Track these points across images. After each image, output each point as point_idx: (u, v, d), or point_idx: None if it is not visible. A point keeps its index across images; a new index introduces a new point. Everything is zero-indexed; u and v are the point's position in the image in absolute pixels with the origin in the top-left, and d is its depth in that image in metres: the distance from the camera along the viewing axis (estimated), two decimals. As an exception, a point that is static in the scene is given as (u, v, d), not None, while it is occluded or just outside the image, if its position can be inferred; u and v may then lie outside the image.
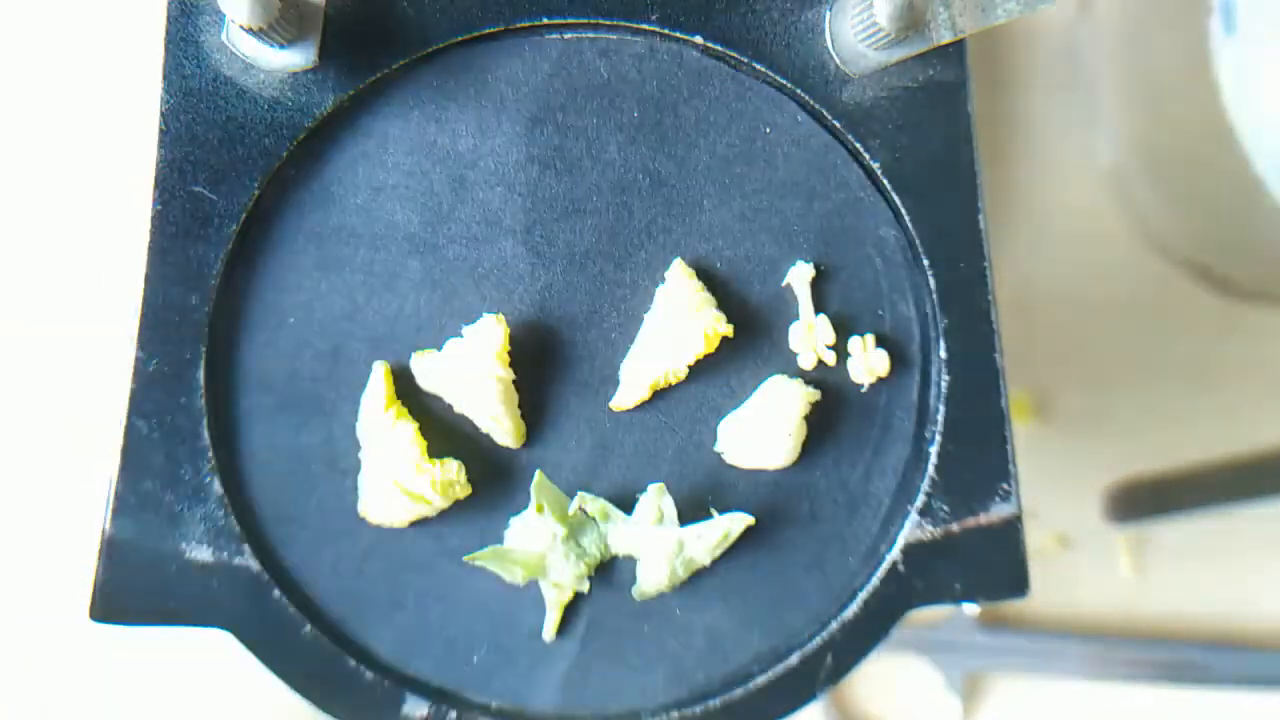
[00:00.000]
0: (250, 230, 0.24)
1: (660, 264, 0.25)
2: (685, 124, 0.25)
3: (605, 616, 0.25)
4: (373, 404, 0.24)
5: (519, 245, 0.25)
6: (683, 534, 0.24)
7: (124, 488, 0.24)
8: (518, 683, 0.25)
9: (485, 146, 0.25)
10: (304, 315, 0.25)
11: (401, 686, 0.25)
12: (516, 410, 0.25)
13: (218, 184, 0.24)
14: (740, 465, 0.25)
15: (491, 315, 0.24)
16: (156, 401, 0.24)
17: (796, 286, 0.25)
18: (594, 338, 0.25)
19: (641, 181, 0.25)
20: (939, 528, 0.26)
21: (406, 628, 0.25)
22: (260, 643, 0.24)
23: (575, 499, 0.24)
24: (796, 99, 0.25)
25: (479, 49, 0.25)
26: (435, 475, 0.24)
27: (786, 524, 0.26)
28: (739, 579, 0.25)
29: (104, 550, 0.24)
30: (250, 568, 0.24)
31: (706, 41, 0.25)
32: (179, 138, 0.24)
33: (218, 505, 0.24)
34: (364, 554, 0.25)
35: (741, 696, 0.25)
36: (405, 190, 0.25)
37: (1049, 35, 0.42)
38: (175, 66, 0.24)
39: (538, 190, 0.25)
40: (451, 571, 0.25)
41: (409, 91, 0.25)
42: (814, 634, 0.26)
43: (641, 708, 0.25)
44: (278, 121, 0.24)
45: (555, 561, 0.24)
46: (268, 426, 0.24)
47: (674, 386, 0.25)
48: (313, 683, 0.24)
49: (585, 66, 0.25)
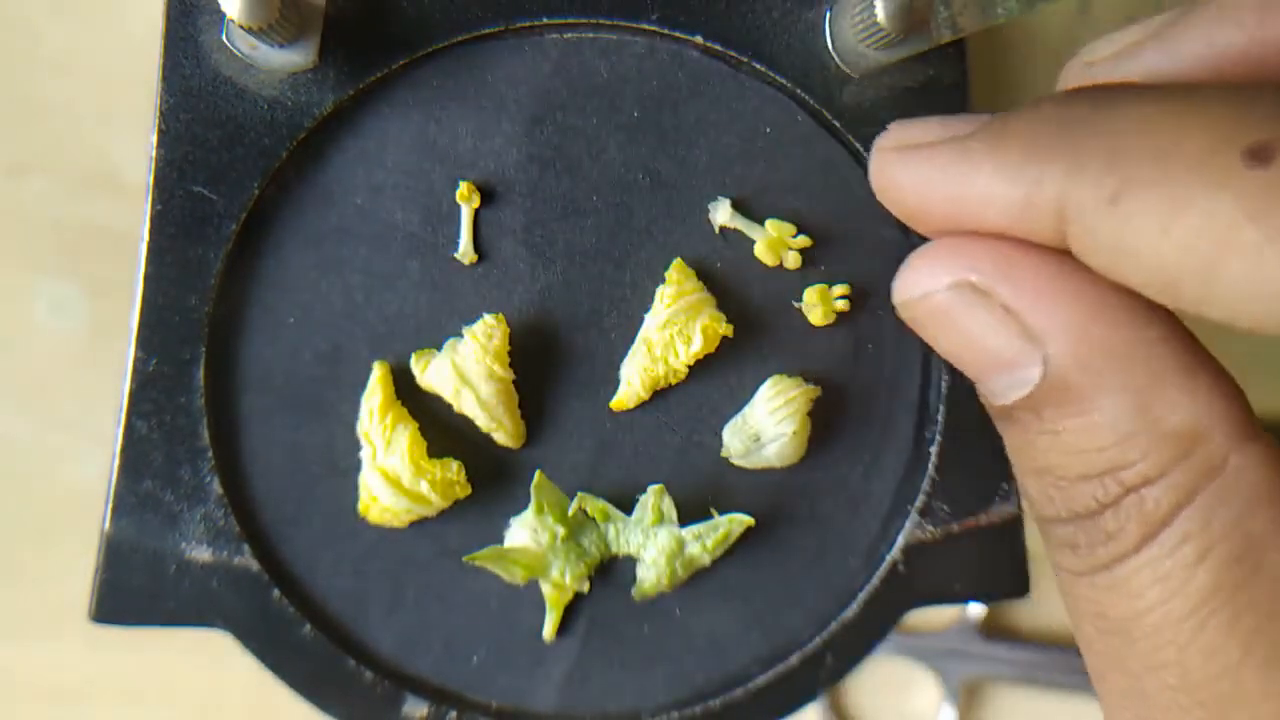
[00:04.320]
0: (250, 230, 0.24)
1: (660, 264, 0.25)
2: (685, 124, 0.25)
3: (605, 616, 0.25)
4: (373, 404, 0.24)
5: (519, 245, 0.25)
6: (683, 534, 0.24)
7: (124, 488, 0.24)
8: (518, 683, 0.25)
9: (485, 146, 0.25)
10: (304, 315, 0.25)
11: (401, 686, 0.25)
12: (516, 410, 0.25)
13: (218, 184, 0.24)
14: (744, 465, 0.25)
15: (491, 315, 0.24)
16: (156, 401, 0.24)
17: (726, 221, 0.25)
18: (594, 338, 0.25)
19: (641, 181, 0.25)
20: (939, 528, 0.26)
21: (406, 628, 0.25)
22: (260, 643, 0.24)
23: (575, 499, 0.24)
24: (796, 99, 0.25)
25: (479, 49, 0.25)
26: (435, 475, 0.24)
27: (786, 524, 0.26)
28: (739, 579, 0.25)
29: (104, 550, 0.24)
30: (250, 568, 0.24)
31: (706, 41, 0.25)
32: (178, 137, 0.24)
33: (218, 505, 0.24)
34: (364, 554, 0.25)
35: (741, 696, 0.25)
36: (405, 190, 0.25)
37: (1049, 35, 0.42)
38: (174, 66, 0.24)
39: (538, 190, 0.25)
40: (451, 571, 0.25)
41: (409, 91, 0.25)
42: (814, 634, 0.26)
43: (641, 708, 0.25)
44: (278, 121, 0.24)
45: (555, 561, 0.24)
46: (268, 426, 0.24)
47: (674, 386, 0.25)
48: (313, 683, 0.24)
49: (585, 66, 0.25)
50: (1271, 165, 0.13)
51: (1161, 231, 0.14)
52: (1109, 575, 0.16)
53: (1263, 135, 0.13)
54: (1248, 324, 0.14)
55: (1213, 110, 0.14)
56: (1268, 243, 0.13)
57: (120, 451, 0.24)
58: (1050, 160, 0.15)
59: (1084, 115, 0.15)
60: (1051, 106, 0.16)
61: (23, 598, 0.33)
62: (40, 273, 0.35)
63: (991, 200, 0.16)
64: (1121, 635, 0.16)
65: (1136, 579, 0.16)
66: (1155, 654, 0.16)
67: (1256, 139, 0.13)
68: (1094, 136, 0.15)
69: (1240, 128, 0.13)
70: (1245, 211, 0.13)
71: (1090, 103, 0.16)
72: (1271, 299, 0.13)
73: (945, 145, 0.17)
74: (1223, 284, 0.13)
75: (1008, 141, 0.16)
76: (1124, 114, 0.15)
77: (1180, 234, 0.13)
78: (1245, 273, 0.13)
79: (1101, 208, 0.14)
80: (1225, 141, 0.13)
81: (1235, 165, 0.13)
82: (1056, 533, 0.17)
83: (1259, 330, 0.14)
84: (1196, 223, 0.13)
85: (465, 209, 0.25)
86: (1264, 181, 0.13)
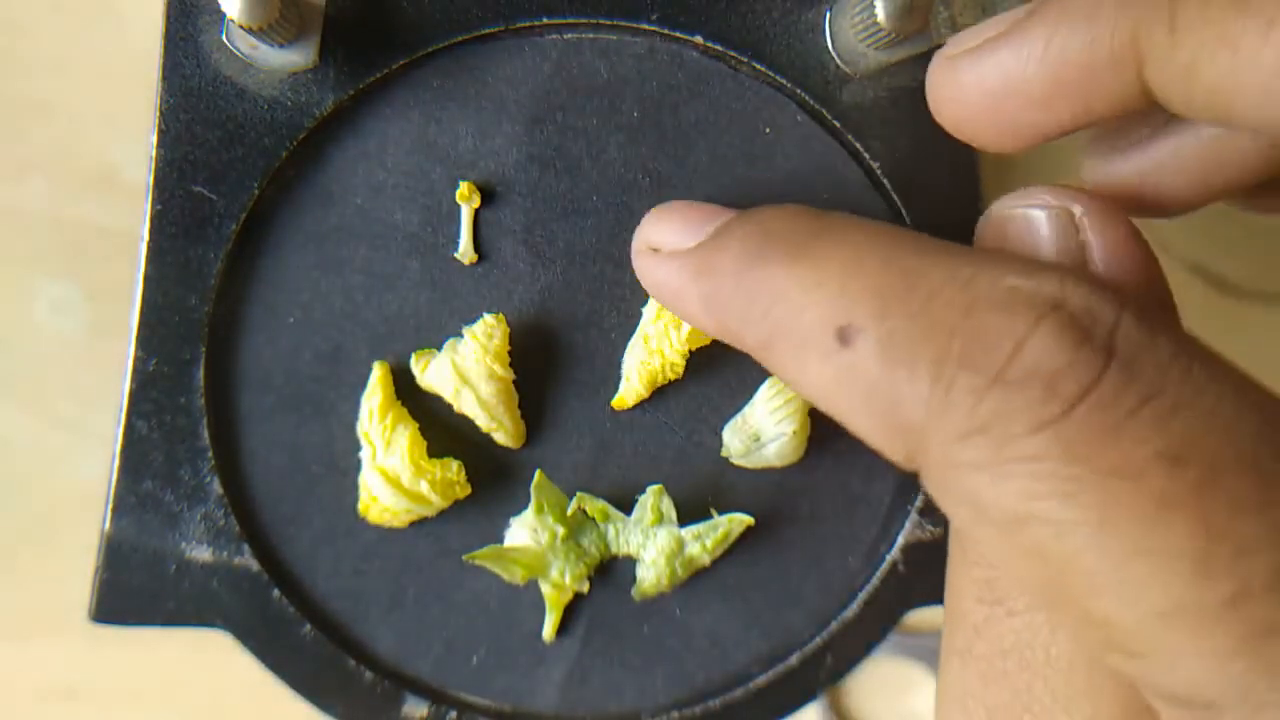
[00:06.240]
0: (250, 230, 0.24)
1: (660, 264, 0.25)
2: (685, 124, 0.25)
3: (605, 616, 0.25)
4: (373, 404, 0.24)
5: (519, 245, 0.25)
6: (682, 534, 0.24)
7: (124, 488, 0.24)
8: (518, 683, 0.25)
9: (485, 146, 0.25)
10: (304, 315, 0.25)
11: (401, 686, 0.25)
12: (516, 410, 0.25)
13: (218, 184, 0.24)
14: (744, 465, 0.25)
15: (491, 315, 0.24)
16: (156, 401, 0.24)
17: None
18: (594, 338, 0.25)
19: (641, 181, 0.25)
20: (939, 528, 0.26)
21: (406, 627, 0.25)
22: (260, 643, 0.24)
23: (575, 499, 0.24)
24: (796, 99, 0.25)
25: (479, 49, 0.25)
26: (435, 475, 0.24)
27: (786, 524, 0.26)
28: (739, 579, 0.25)
29: (104, 550, 0.24)
30: (250, 567, 0.24)
31: (706, 41, 0.25)
32: (178, 137, 0.24)
33: (217, 505, 0.24)
34: (364, 554, 0.25)
35: (741, 696, 0.25)
36: (405, 190, 0.25)
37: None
38: (174, 66, 0.24)
39: (538, 190, 0.25)
40: (451, 571, 0.25)
41: (409, 91, 0.25)
42: (814, 634, 0.26)
43: (641, 708, 0.25)
44: (278, 121, 0.24)
45: (555, 561, 0.24)
46: (268, 426, 0.24)
47: (674, 386, 0.25)
48: (313, 683, 0.24)
49: (585, 66, 0.25)
50: (852, 346, 0.16)
51: (795, 382, 0.17)
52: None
53: (846, 319, 0.16)
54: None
55: (826, 283, 0.16)
56: (855, 408, 0.16)
57: (120, 451, 0.24)
58: (729, 303, 0.18)
59: (751, 261, 0.18)
60: (738, 241, 0.18)
61: (23, 598, 0.33)
62: (40, 273, 0.35)
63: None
64: (1002, 606, 0.17)
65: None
66: (1029, 631, 0.17)
67: (842, 323, 0.16)
68: (752, 291, 0.18)
69: (836, 307, 0.16)
70: (838, 383, 0.16)
71: (762, 239, 0.18)
72: (871, 439, 0.16)
73: (674, 260, 0.20)
74: (843, 423, 0.16)
75: (704, 275, 0.19)
76: (770, 273, 0.17)
77: (806, 386, 0.17)
78: (851, 423, 0.16)
79: (761, 352, 0.17)
80: (826, 321, 0.16)
81: (831, 344, 0.16)
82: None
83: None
84: (812, 384, 0.17)
85: (465, 209, 0.25)
86: (849, 360, 0.16)
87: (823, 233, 0.17)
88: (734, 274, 0.18)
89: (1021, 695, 0.17)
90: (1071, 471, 0.14)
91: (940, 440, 0.15)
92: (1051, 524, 0.14)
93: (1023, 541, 0.14)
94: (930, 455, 0.15)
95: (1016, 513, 0.14)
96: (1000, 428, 0.14)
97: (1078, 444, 0.14)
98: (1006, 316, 0.15)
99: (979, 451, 0.14)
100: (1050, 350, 0.14)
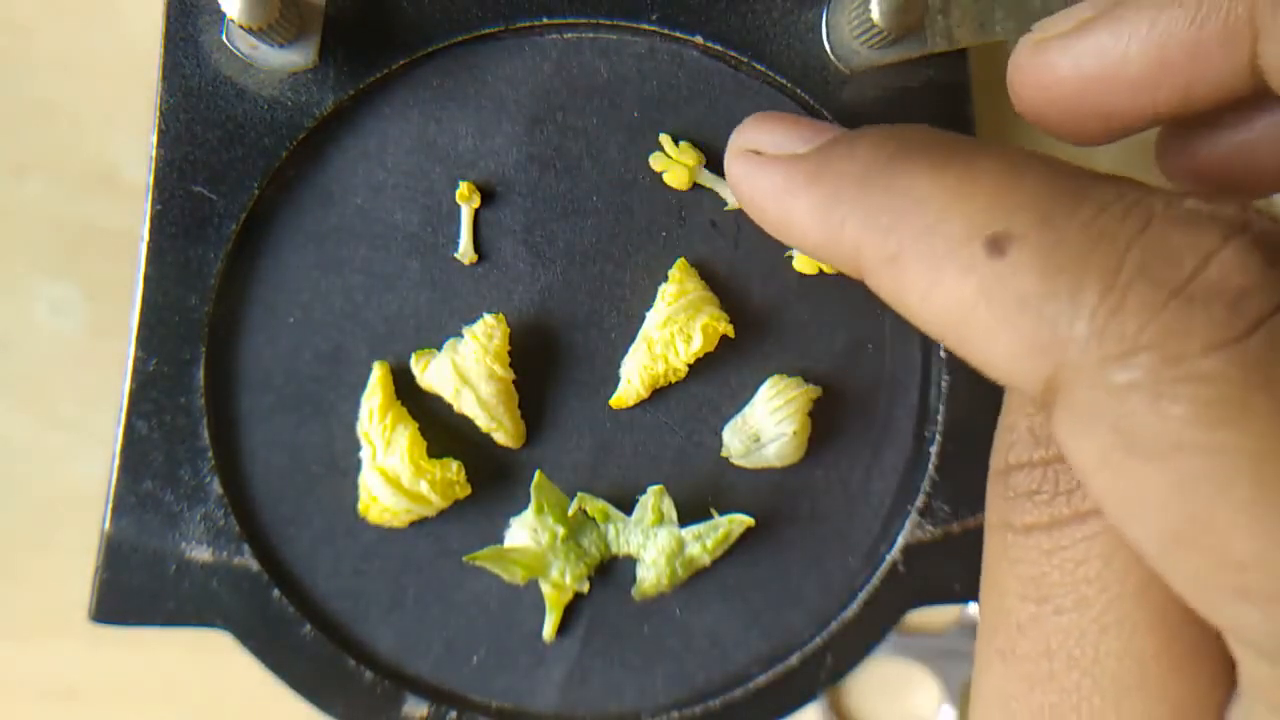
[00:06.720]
0: (250, 230, 0.24)
1: (660, 264, 0.25)
2: (685, 124, 0.25)
3: (605, 617, 0.25)
4: (373, 404, 0.24)
5: (519, 245, 0.25)
6: (683, 534, 0.24)
7: (124, 488, 0.24)
8: (518, 683, 0.25)
9: (485, 146, 0.25)
10: (304, 315, 0.25)
11: (401, 686, 0.25)
12: (516, 410, 0.25)
13: (218, 184, 0.24)
14: (744, 465, 0.25)
15: (491, 315, 0.24)
16: (156, 401, 0.24)
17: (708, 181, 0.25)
18: (594, 338, 0.25)
19: (642, 181, 0.25)
20: (939, 528, 0.26)
21: (406, 628, 0.25)
22: (260, 642, 0.24)
23: (575, 499, 0.24)
24: (796, 99, 0.25)
25: (479, 49, 0.25)
26: (435, 475, 0.24)
27: (787, 524, 0.26)
28: (739, 579, 0.25)
29: (104, 550, 0.24)
30: (250, 567, 0.24)
31: (706, 41, 0.25)
32: (178, 137, 0.24)
33: (217, 505, 0.24)
34: (364, 554, 0.25)
35: (741, 696, 0.25)
36: (405, 190, 0.25)
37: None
38: (174, 66, 0.24)
39: (538, 190, 0.25)
40: (451, 571, 0.25)
41: (409, 91, 0.25)
42: (814, 634, 0.26)
43: (641, 708, 0.25)
44: (278, 121, 0.24)
45: (555, 561, 0.24)
46: (268, 426, 0.24)
47: (674, 386, 0.25)
48: (312, 683, 0.24)
49: (585, 66, 0.25)
50: (1005, 256, 0.15)
51: (922, 298, 0.16)
52: (1063, 533, 0.16)
53: (1003, 226, 0.15)
54: (995, 377, 0.16)
55: (976, 193, 0.16)
56: (998, 323, 0.15)
57: (120, 451, 0.24)
58: (851, 209, 0.17)
59: (884, 165, 0.17)
60: (867, 147, 0.17)
61: (23, 598, 0.33)
62: (40, 273, 0.35)
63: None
64: (1049, 604, 0.16)
65: (1095, 542, 0.16)
66: (1078, 630, 0.16)
67: (997, 230, 0.15)
68: (886, 195, 0.17)
69: (991, 215, 0.15)
70: (983, 295, 0.15)
71: (897, 146, 0.17)
72: (1007, 362, 0.15)
73: (781, 163, 0.19)
74: (968, 348, 0.16)
75: (823, 177, 0.18)
76: (911, 178, 0.16)
77: (937, 302, 0.16)
78: (984, 344, 0.15)
79: (883, 266, 0.17)
80: (976, 228, 0.15)
81: (979, 253, 0.15)
82: (1018, 480, 0.17)
83: (1007, 384, 0.16)
84: (945, 299, 0.16)
85: (465, 209, 0.25)
86: (998, 270, 0.15)
87: (969, 144, 0.17)
88: (861, 178, 0.17)
89: (1070, 695, 0.16)
90: (1244, 396, 0.13)
91: (1097, 359, 0.14)
92: (1212, 452, 0.13)
93: (1171, 472, 0.13)
94: (1079, 377, 0.14)
95: (1173, 439, 0.13)
96: (1173, 345, 0.13)
97: (1257, 366, 0.13)
98: (1192, 231, 0.14)
99: (1142, 371, 0.13)
100: (1239, 267, 0.14)
